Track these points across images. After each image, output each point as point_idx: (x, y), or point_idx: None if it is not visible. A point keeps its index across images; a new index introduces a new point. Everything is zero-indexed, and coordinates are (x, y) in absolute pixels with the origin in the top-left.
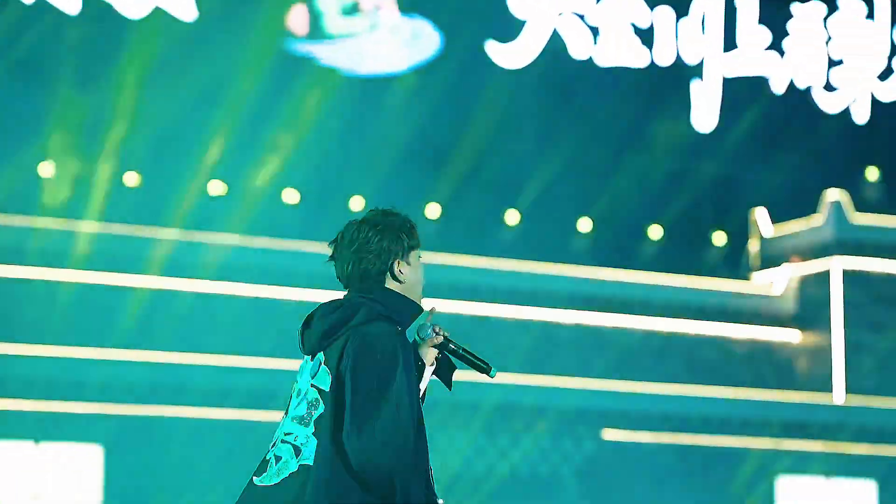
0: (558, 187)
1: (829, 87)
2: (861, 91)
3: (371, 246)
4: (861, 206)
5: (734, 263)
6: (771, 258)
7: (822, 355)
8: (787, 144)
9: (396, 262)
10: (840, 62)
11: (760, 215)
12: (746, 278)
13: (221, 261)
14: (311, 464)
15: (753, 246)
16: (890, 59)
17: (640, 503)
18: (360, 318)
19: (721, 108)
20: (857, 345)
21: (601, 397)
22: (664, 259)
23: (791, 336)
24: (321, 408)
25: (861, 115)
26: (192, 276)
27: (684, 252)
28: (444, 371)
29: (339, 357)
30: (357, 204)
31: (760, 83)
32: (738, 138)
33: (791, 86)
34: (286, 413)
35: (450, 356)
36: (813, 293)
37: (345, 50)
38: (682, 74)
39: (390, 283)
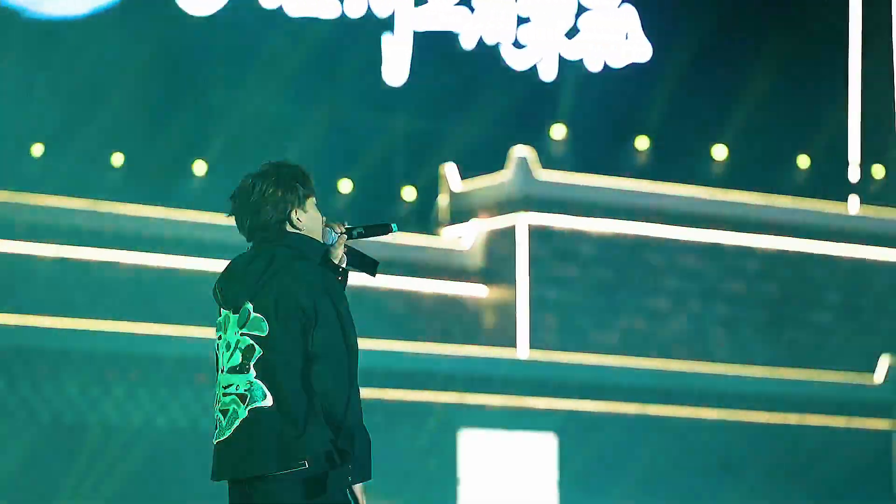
0: (247, 139)
1: (517, 45)
2: (548, 49)
3: (267, 197)
4: (547, 162)
5: (424, 218)
6: (460, 213)
7: (507, 310)
8: (477, 100)
9: (294, 211)
10: (528, 20)
11: (450, 170)
12: (435, 233)
13: None
14: (266, 404)
15: (443, 201)
16: (576, 17)
17: None
18: (280, 262)
19: (411, 62)
20: (541, 300)
21: None
22: (353, 213)
23: (478, 291)
24: (258, 351)
25: (548, 73)
26: None
27: (374, 206)
28: (356, 261)
29: (274, 299)
30: (38, 150)
31: (450, 38)
32: (428, 93)
33: (480, 42)
34: (219, 371)
35: (352, 245)
36: (500, 249)
37: None
38: (372, 27)
39: (291, 230)
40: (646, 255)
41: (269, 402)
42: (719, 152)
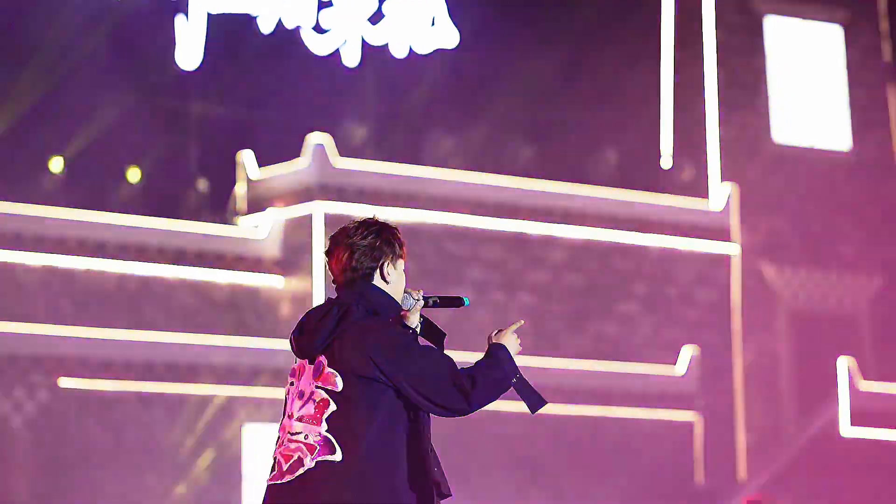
0: (30, 127)
1: (318, 29)
2: (351, 34)
3: (365, 242)
4: (347, 151)
5: (220, 206)
6: (257, 201)
7: (304, 301)
8: (275, 85)
9: (387, 263)
10: (330, 4)
11: (247, 158)
12: (232, 222)
13: None
14: (335, 459)
15: (240, 189)
16: (381, 2)
17: (96, 450)
18: (354, 318)
19: (207, 45)
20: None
21: (59, 344)
22: (145, 201)
23: (275, 281)
24: (332, 406)
25: (351, 59)
26: None
27: (168, 194)
28: (427, 330)
29: (343, 356)
30: None
31: (248, 21)
32: (224, 77)
33: (279, 25)
34: (287, 416)
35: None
36: (296, 237)
37: None
38: (165, 9)
39: (378, 282)
40: (447, 246)
41: (338, 457)
42: (526, 150)
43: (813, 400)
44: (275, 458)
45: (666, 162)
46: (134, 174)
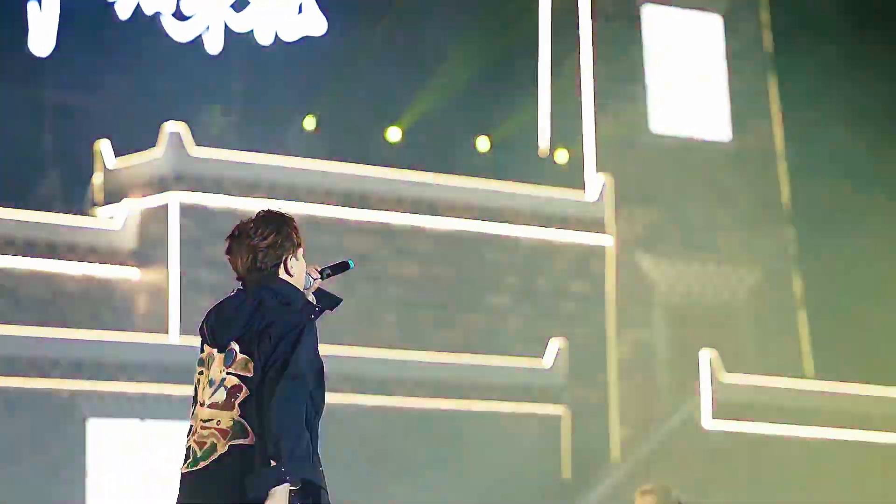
0: None
1: (179, 15)
2: (214, 20)
3: (267, 242)
4: (208, 139)
5: (74, 196)
6: (114, 191)
7: (160, 293)
8: (133, 72)
9: (288, 258)
10: None
11: (104, 146)
12: (88, 213)
13: None
14: (247, 442)
15: (97, 179)
16: None
17: None
18: (267, 307)
19: (60, 31)
20: (194, 282)
21: None
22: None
23: (130, 273)
24: (244, 391)
25: (214, 46)
26: None
27: (19, 183)
28: (326, 300)
29: (257, 343)
30: None
31: (104, 6)
32: (80, 64)
33: (138, 10)
34: (199, 403)
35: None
36: (152, 228)
37: None
38: None
39: (283, 275)
40: (310, 237)
41: (250, 440)
42: (393, 134)
43: (687, 393)
44: (188, 448)
45: (542, 152)
46: None
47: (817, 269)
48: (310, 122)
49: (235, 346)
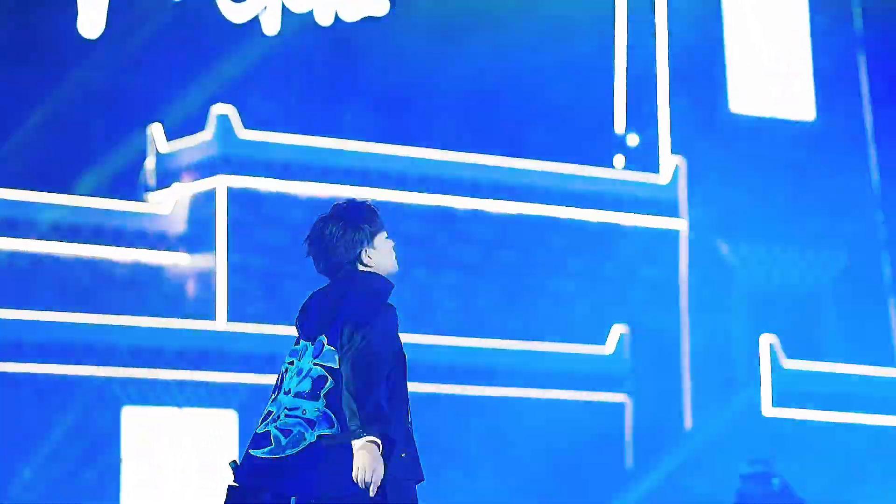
0: None
1: None
2: (271, 1)
3: (338, 240)
4: (249, 122)
5: (128, 181)
6: (166, 176)
7: (209, 278)
8: (185, 55)
9: (363, 251)
10: None
11: (156, 131)
12: (141, 198)
13: None
14: (333, 433)
15: (150, 164)
16: None
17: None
18: (351, 298)
19: (110, 13)
20: (242, 267)
21: None
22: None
23: (179, 258)
24: (330, 383)
25: (271, 27)
26: None
27: (70, 170)
28: None
29: (340, 335)
30: None
31: None
32: (131, 47)
33: None
34: (283, 391)
35: None
36: (201, 213)
37: None
38: None
39: (361, 268)
40: None
41: (336, 430)
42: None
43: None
44: (266, 433)
45: (618, 133)
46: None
47: None
48: (366, 106)
49: (324, 338)
